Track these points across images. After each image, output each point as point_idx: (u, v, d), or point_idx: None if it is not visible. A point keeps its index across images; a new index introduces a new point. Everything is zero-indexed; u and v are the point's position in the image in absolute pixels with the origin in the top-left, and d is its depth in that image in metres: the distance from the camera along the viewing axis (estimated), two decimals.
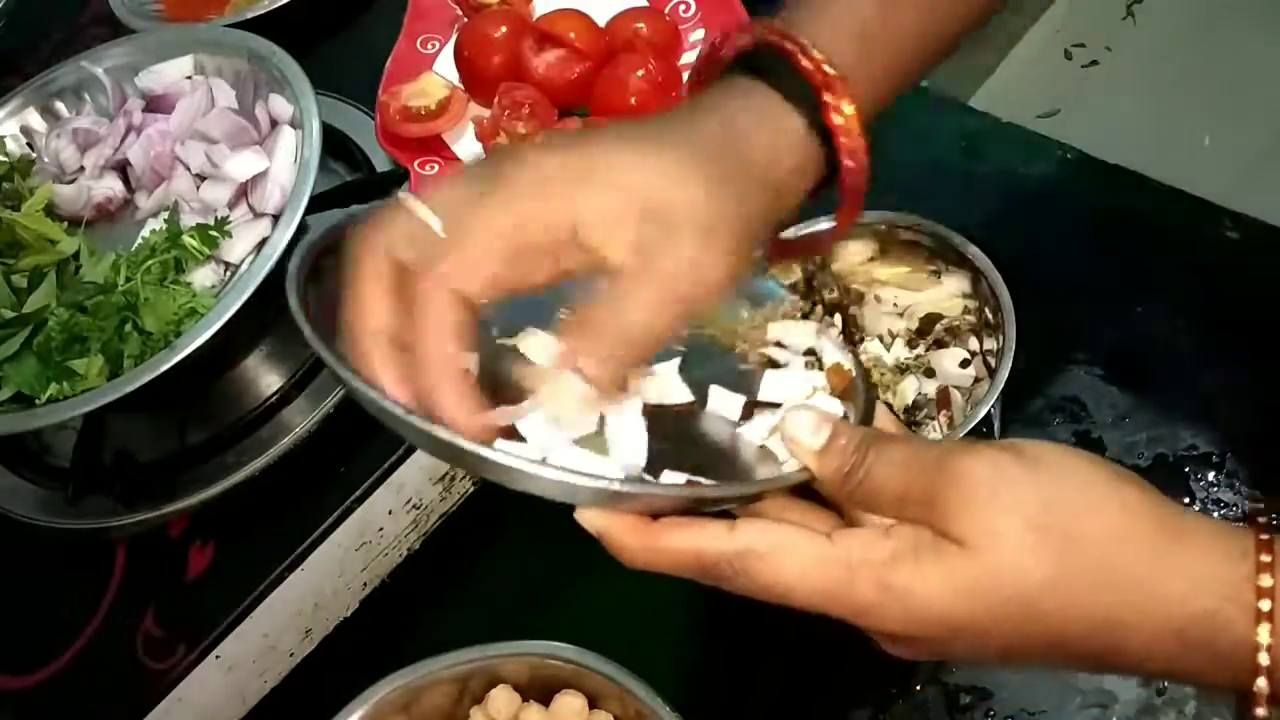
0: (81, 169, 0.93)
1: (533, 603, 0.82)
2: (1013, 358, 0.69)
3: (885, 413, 0.54)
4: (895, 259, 0.77)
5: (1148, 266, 0.83)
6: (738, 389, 0.54)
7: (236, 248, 0.85)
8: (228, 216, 0.85)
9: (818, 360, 0.57)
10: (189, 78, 0.95)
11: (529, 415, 0.48)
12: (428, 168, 0.96)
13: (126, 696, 0.81)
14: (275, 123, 0.90)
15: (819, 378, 0.55)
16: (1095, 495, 0.45)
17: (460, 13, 1.05)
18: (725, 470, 0.51)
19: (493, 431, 0.47)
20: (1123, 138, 1.22)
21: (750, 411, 0.54)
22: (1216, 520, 0.45)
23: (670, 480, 0.49)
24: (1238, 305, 0.80)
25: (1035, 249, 0.84)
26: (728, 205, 0.49)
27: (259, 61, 0.92)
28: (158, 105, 0.94)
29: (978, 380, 0.73)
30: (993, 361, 0.72)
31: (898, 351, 0.75)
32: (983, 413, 0.68)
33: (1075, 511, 0.44)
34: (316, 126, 0.85)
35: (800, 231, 0.67)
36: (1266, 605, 0.42)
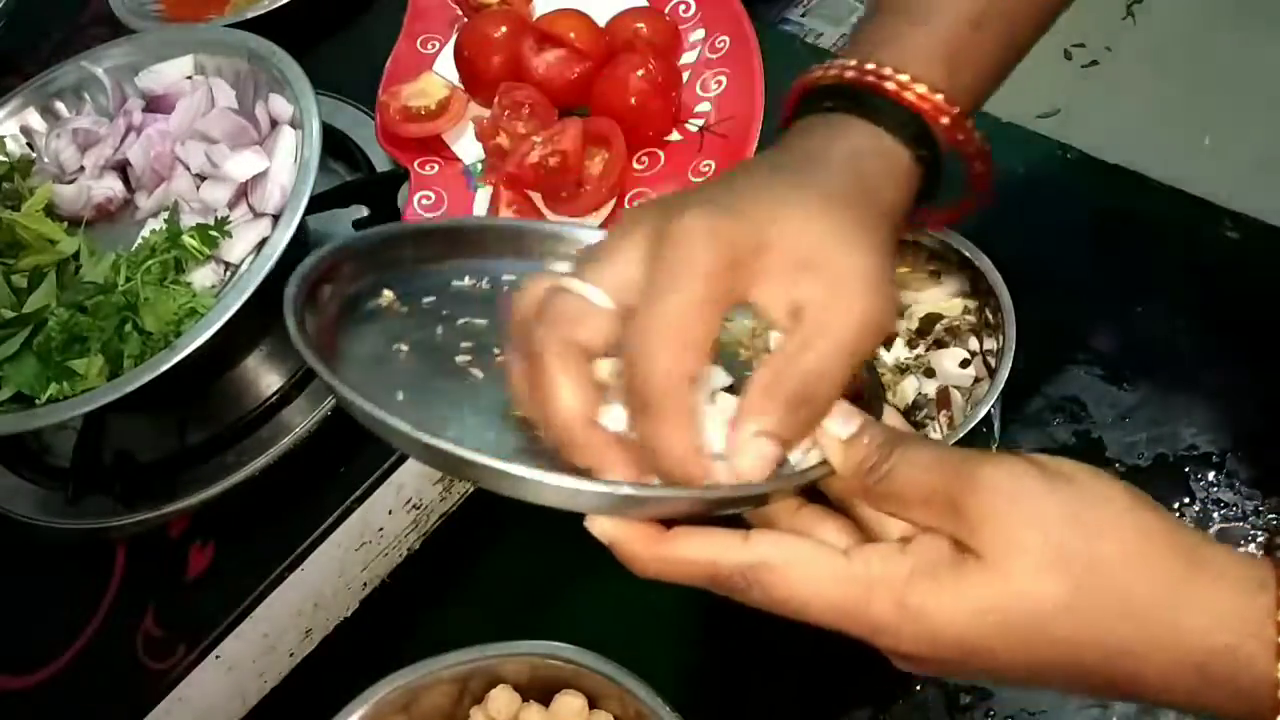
0: (81, 169, 0.93)
1: (533, 603, 0.82)
2: (1013, 358, 0.68)
3: (894, 414, 0.54)
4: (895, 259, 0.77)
5: (1148, 266, 0.82)
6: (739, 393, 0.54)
7: (236, 248, 0.85)
8: (228, 216, 0.86)
9: None
10: (189, 78, 0.95)
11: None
12: (428, 168, 0.96)
13: (126, 696, 0.81)
14: (275, 123, 0.90)
15: None
16: (1114, 516, 0.44)
17: (460, 13, 1.05)
18: None
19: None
20: (1123, 138, 1.22)
21: None
22: (1233, 550, 0.44)
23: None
24: (1238, 305, 0.80)
25: (1035, 249, 0.84)
26: (881, 256, 0.49)
27: (259, 61, 0.92)
28: (158, 105, 0.94)
29: (978, 380, 0.73)
30: (993, 361, 0.72)
31: (898, 351, 0.75)
32: (983, 413, 0.68)
33: (1095, 530, 0.44)
34: (316, 126, 0.85)
35: None
36: None
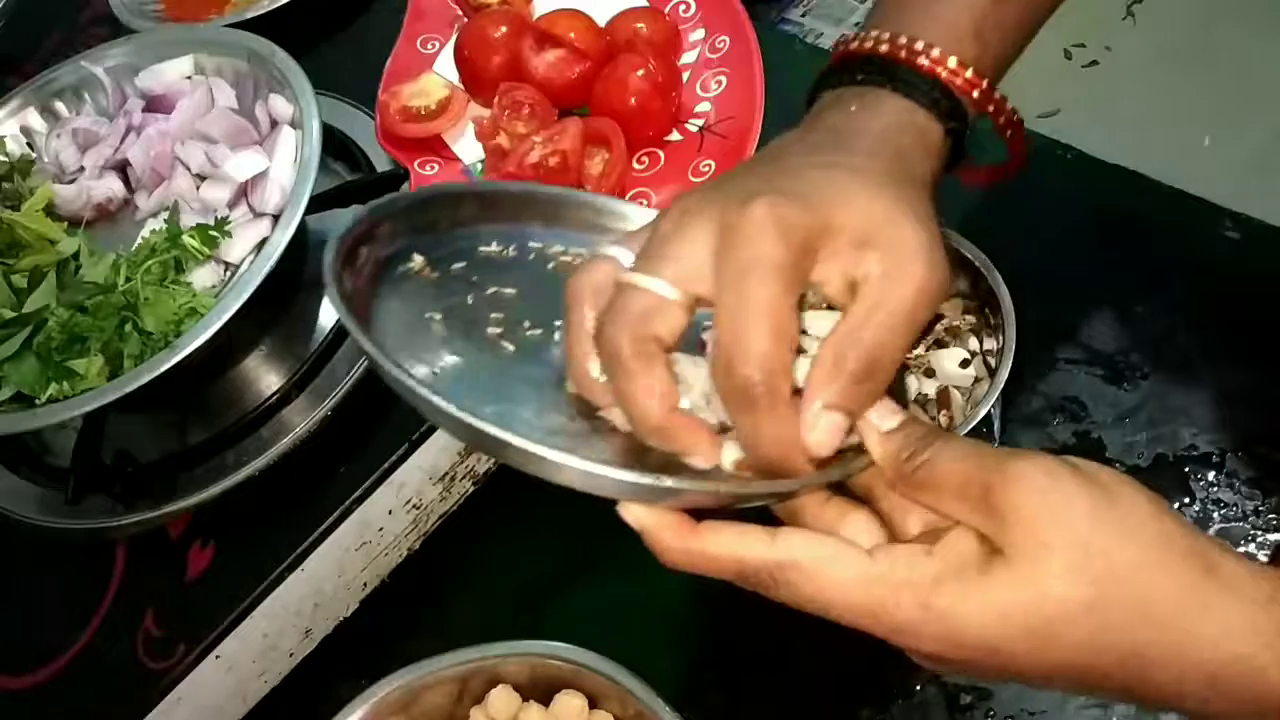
0: (81, 169, 0.93)
1: (533, 603, 0.82)
2: (1013, 358, 0.68)
3: (918, 414, 0.54)
4: None
5: (1148, 266, 0.82)
6: None
7: (236, 248, 0.85)
8: (228, 216, 0.86)
9: None
10: (189, 78, 0.95)
11: None
12: (427, 168, 0.96)
13: (126, 696, 0.80)
14: (275, 123, 0.90)
15: None
16: (1138, 522, 0.45)
17: (460, 13, 1.05)
18: None
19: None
20: (1123, 138, 1.22)
21: None
22: (1247, 560, 0.45)
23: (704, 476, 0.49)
24: (1238, 305, 0.80)
25: (1035, 249, 0.84)
26: (930, 226, 0.50)
27: (259, 61, 0.92)
28: (158, 105, 0.94)
29: (978, 380, 0.73)
30: (993, 361, 0.72)
31: None
32: (983, 413, 0.68)
33: (1120, 534, 0.44)
34: (316, 126, 0.85)
35: None
36: None
